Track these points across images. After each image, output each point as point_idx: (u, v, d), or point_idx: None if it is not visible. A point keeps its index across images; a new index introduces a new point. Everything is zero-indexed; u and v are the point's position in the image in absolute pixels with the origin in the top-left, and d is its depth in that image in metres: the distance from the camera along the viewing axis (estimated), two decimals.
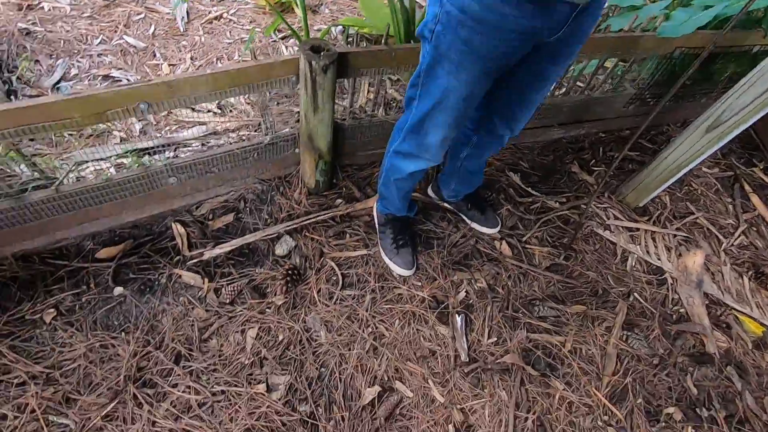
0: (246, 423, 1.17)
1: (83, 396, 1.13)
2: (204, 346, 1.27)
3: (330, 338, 1.35)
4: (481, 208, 1.71)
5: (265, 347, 1.30)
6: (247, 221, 1.54)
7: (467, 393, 1.33)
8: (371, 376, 1.31)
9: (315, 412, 1.22)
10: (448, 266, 1.58)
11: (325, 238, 1.55)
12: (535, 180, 1.95)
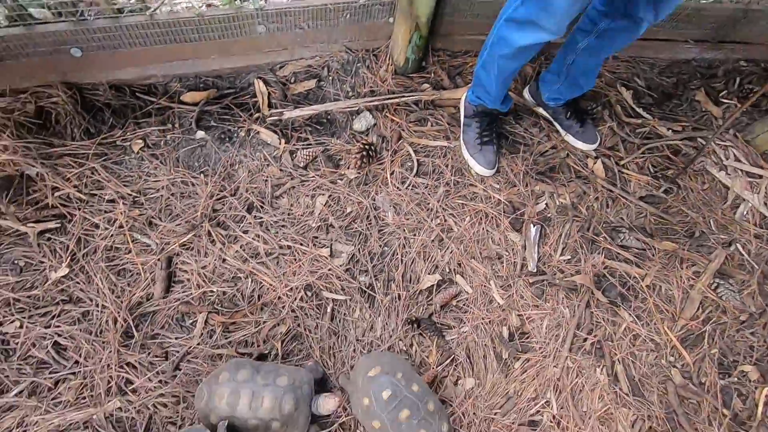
0: (307, 279, 1.20)
1: (164, 222, 1.20)
2: (275, 203, 1.29)
3: (397, 220, 1.31)
4: (581, 119, 1.51)
5: (332, 215, 1.29)
6: (329, 90, 1.47)
7: (528, 302, 1.28)
8: (432, 265, 1.29)
9: (374, 284, 1.23)
10: (531, 175, 1.45)
11: (405, 121, 1.46)
12: (649, 102, 1.69)
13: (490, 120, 1.42)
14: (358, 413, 1.02)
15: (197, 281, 1.15)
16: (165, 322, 1.11)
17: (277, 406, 0.94)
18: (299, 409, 0.96)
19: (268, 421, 0.93)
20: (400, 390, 0.99)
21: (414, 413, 0.98)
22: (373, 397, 0.98)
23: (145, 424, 1.01)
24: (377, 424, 0.98)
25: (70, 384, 1.01)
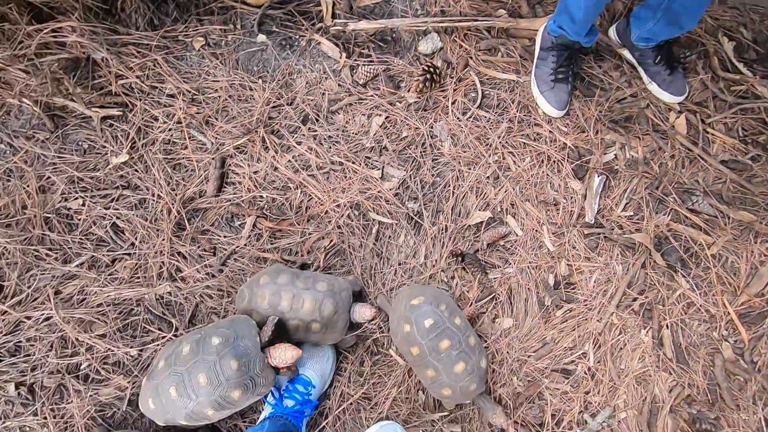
0: (356, 198, 1.18)
1: (220, 123, 1.20)
2: (330, 118, 1.25)
3: (453, 152, 1.26)
4: (672, 66, 1.36)
5: (387, 138, 1.25)
6: (396, 6, 1.37)
7: (580, 253, 1.22)
8: (484, 202, 1.24)
9: (422, 212, 1.20)
10: (603, 122, 1.33)
11: (474, 48, 1.35)
12: (753, 57, 1.49)
13: (569, 55, 1.29)
14: (397, 339, 1.02)
15: (248, 185, 1.15)
16: (215, 220, 1.14)
17: (317, 308, 0.95)
18: (338, 313, 0.97)
19: (308, 323, 0.95)
20: (443, 321, 0.98)
21: (454, 344, 0.97)
22: (414, 324, 0.98)
23: (192, 310, 1.06)
24: (416, 350, 0.98)
25: (126, 263, 1.06)
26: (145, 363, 1.03)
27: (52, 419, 0.96)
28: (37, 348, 1.00)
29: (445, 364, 0.97)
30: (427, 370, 0.98)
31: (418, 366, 1.00)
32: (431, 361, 0.97)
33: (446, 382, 0.98)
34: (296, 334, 0.98)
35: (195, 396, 0.87)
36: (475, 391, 1.00)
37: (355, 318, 1.02)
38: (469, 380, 0.98)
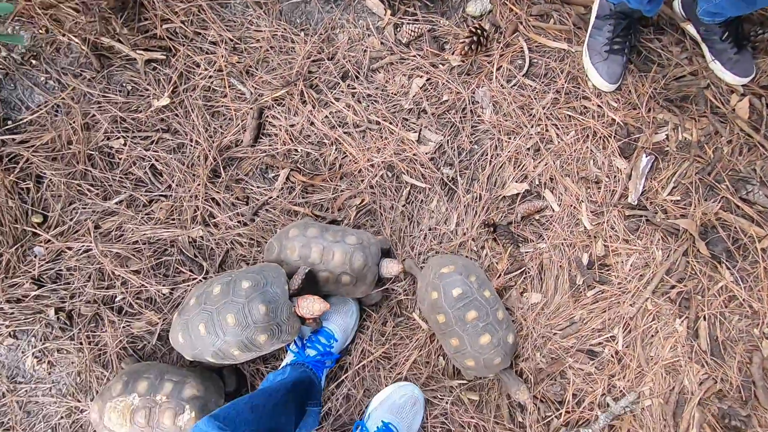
0: (390, 158, 1.16)
1: (260, 73, 1.19)
2: (371, 76, 1.23)
3: (494, 120, 1.21)
4: (740, 44, 1.25)
5: (427, 100, 1.21)
6: None
7: (618, 234, 1.17)
8: (522, 174, 1.19)
9: (456, 179, 1.17)
10: (657, 100, 1.25)
11: (525, 13, 1.29)
12: None
13: (627, 25, 1.21)
14: (424, 305, 1.01)
15: (284, 138, 1.15)
16: (250, 170, 1.14)
17: (347, 260, 0.95)
18: (368, 266, 0.97)
19: (338, 275, 0.95)
20: (471, 292, 0.97)
21: (481, 316, 0.95)
22: (442, 292, 0.97)
23: (222, 256, 1.08)
24: (442, 318, 0.97)
25: (162, 205, 1.09)
26: (175, 302, 1.06)
27: (87, 345, 1.01)
28: (76, 277, 1.04)
29: (470, 335, 0.96)
30: (452, 339, 0.97)
31: (442, 334, 0.99)
32: (456, 331, 0.96)
33: (470, 353, 0.97)
34: (326, 286, 0.98)
35: (223, 335, 0.89)
36: (499, 365, 0.98)
37: (383, 273, 1.01)
38: (493, 353, 0.96)
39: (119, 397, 0.88)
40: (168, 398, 0.88)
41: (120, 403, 0.87)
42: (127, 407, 0.87)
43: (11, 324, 1.01)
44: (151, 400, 0.88)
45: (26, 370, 1.01)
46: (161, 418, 0.87)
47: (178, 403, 0.88)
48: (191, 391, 0.90)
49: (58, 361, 1.01)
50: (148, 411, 0.87)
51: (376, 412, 0.96)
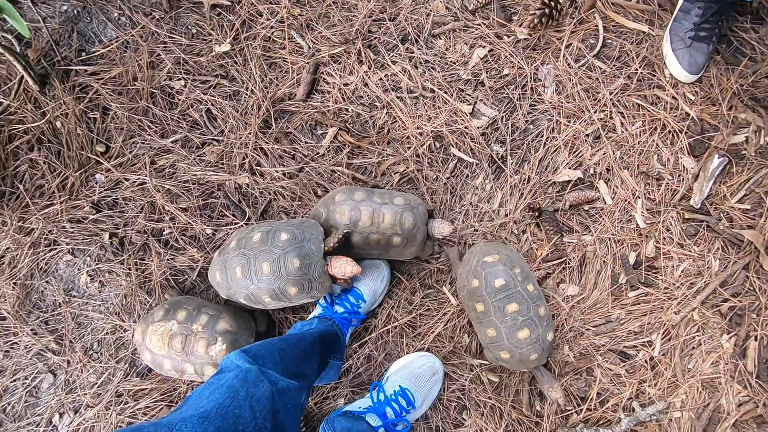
0: (440, 129, 1.13)
1: (320, 28, 1.17)
2: (431, 41, 1.19)
3: (555, 100, 1.15)
4: None
5: (486, 73, 1.16)
6: None
7: (673, 237, 1.10)
8: (577, 160, 1.13)
9: (506, 158, 1.13)
10: (742, 97, 1.14)
11: None
12: None
13: (719, 10, 1.09)
14: (463, 292, 0.99)
15: (336, 96, 1.14)
16: (299, 125, 1.15)
17: (397, 221, 0.94)
18: (417, 226, 0.96)
19: (389, 236, 0.95)
20: (515, 284, 0.94)
21: (522, 310, 0.92)
22: (484, 280, 0.94)
23: (265, 204, 1.11)
24: (480, 307, 0.95)
25: (214, 149, 1.12)
26: (216, 242, 1.10)
27: (135, 271, 1.08)
28: (130, 207, 1.11)
29: (508, 327, 0.93)
30: (488, 329, 0.95)
31: (479, 323, 0.97)
32: (494, 321, 0.94)
33: (506, 346, 0.94)
34: (376, 249, 0.98)
35: (256, 280, 0.92)
36: (534, 361, 0.95)
37: (434, 233, 1.00)
38: (531, 349, 0.94)
39: (160, 322, 0.94)
40: (203, 329, 0.94)
41: (160, 327, 0.94)
42: (166, 332, 0.93)
43: (71, 242, 1.09)
44: (187, 329, 0.93)
45: (80, 285, 1.10)
46: (195, 345, 0.93)
47: (212, 335, 0.93)
48: (224, 325, 0.95)
49: (108, 281, 1.09)
50: (184, 338, 0.93)
51: (395, 376, 0.97)
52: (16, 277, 1.08)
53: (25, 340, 1.06)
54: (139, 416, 1.03)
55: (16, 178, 1.12)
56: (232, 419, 0.48)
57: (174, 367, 0.94)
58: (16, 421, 1.05)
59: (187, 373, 0.95)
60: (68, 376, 1.06)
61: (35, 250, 1.09)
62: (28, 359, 1.06)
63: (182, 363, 0.94)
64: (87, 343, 1.07)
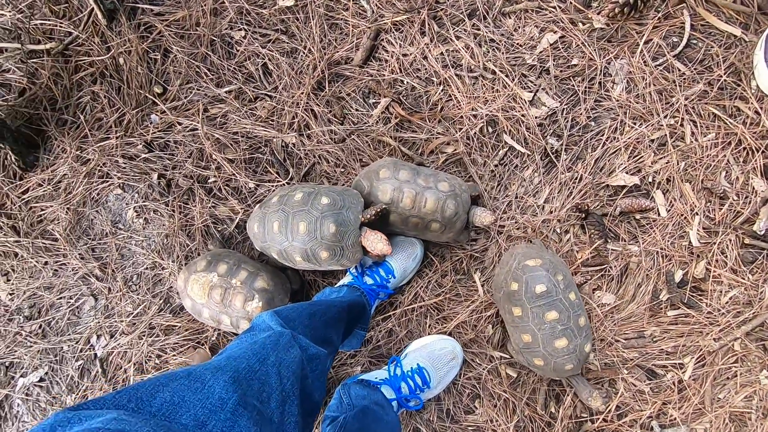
0: (495, 113, 1.07)
1: None
2: (499, 20, 1.13)
3: (623, 99, 1.08)
4: None
5: (554, 60, 1.10)
6: None
7: (727, 261, 1.02)
8: (636, 166, 1.07)
9: (560, 153, 1.08)
10: None
11: None
12: None
13: None
14: (499, 293, 0.97)
15: (394, 66, 1.12)
16: (352, 91, 1.13)
17: (439, 208, 0.93)
18: (458, 215, 0.95)
19: (428, 222, 0.94)
20: (556, 291, 0.90)
21: (562, 319, 0.90)
22: (524, 284, 0.91)
23: (309, 167, 1.11)
24: (518, 311, 0.92)
25: (266, 104, 1.13)
26: (257, 197, 1.12)
27: (178, 214, 1.12)
28: (180, 151, 1.13)
29: (546, 334, 0.90)
30: (524, 335, 0.93)
31: (514, 327, 0.95)
32: (531, 327, 0.91)
33: (541, 353, 0.92)
34: (413, 230, 0.98)
35: (291, 238, 0.93)
36: (569, 371, 0.93)
37: (476, 221, 0.98)
38: (566, 359, 0.91)
39: (202, 272, 0.98)
40: (242, 284, 0.97)
41: (202, 277, 0.97)
42: (207, 283, 0.97)
43: (122, 177, 1.14)
44: (227, 282, 0.96)
45: (126, 219, 1.15)
46: (233, 299, 0.96)
47: (249, 291, 0.96)
48: (262, 283, 0.98)
49: (152, 220, 1.14)
50: (223, 291, 0.96)
51: (414, 354, 0.98)
52: (70, 202, 1.14)
53: (73, 263, 1.13)
54: (168, 350, 1.09)
55: (78, 108, 1.17)
56: (257, 386, 0.49)
57: (212, 317, 0.99)
58: (58, 335, 1.14)
59: (223, 324, 0.99)
60: (108, 302, 1.13)
61: (89, 179, 1.14)
62: (74, 281, 1.13)
63: (220, 314, 0.98)
64: (128, 274, 1.13)
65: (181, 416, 0.42)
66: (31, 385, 1.12)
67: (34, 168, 1.16)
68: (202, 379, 0.45)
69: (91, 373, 1.11)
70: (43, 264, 1.13)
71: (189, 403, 0.43)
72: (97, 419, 0.37)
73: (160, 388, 0.43)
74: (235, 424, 0.43)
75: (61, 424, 0.37)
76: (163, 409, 0.42)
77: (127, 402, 0.41)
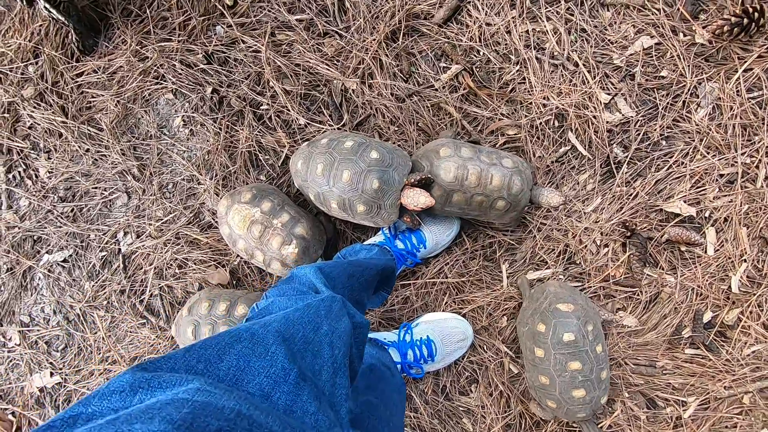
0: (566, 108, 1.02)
1: None
2: (597, 9, 1.03)
3: (703, 124, 1.01)
4: None
5: (642, 67, 1.01)
6: None
7: (761, 315, 0.98)
8: (696, 197, 1.01)
9: (623, 164, 1.02)
10: None
11: None
12: None
13: None
14: (524, 328, 0.94)
15: (474, 33, 1.06)
16: (425, 50, 1.08)
17: (505, 185, 0.90)
18: (524, 191, 0.93)
19: (494, 199, 0.92)
20: (584, 342, 0.88)
21: (585, 371, 0.88)
22: (552, 329, 0.89)
23: (363, 117, 1.07)
24: (540, 353, 0.90)
25: (334, 42, 1.08)
26: (306, 135, 1.10)
27: (224, 133, 1.10)
28: (238, 70, 1.11)
29: (565, 382, 0.89)
30: (542, 376, 0.91)
31: (533, 366, 0.93)
32: (551, 372, 0.90)
33: (556, 398, 0.91)
34: (476, 210, 0.95)
35: (332, 184, 0.92)
36: (581, 418, 0.93)
37: (540, 200, 0.96)
38: (581, 408, 0.91)
39: (246, 204, 0.97)
40: (282, 226, 0.96)
41: (245, 209, 0.97)
42: (248, 216, 0.96)
43: (176, 83, 1.12)
44: (269, 221, 0.96)
45: (173, 126, 1.14)
46: (271, 239, 0.96)
47: (288, 235, 0.96)
48: (302, 230, 0.97)
49: (198, 133, 1.13)
50: (263, 228, 0.95)
51: (426, 325, 0.98)
52: (121, 96, 1.14)
53: (113, 156, 1.13)
54: (189, 263, 1.11)
55: (145, 1, 1.14)
56: (310, 358, 0.49)
57: (246, 249, 0.99)
58: (87, 222, 1.16)
59: (255, 259, 0.99)
60: (140, 203, 1.14)
61: (144, 78, 1.12)
62: (111, 174, 1.13)
63: (255, 249, 0.98)
64: (164, 181, 1.13)
65: (247, 383, 0.42)
66: (55, 263, 1.15)
67: (92, 53, 1.14)
68: (265, 343, 0.45)
69: (112, 266, 1.14)
70: (85, 151, 1.14)
71: (254, 369, 0.43)
72: (180, 388, 0.37)
73: (226, 349, 0.43)
74: (297, 398, 0.43)
75: (141, 386, 0.37)
76: (230, 374, 0.42)
77: (197, 363, 0.41)
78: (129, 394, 0.36)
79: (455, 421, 1.07)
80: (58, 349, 1.17)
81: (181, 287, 1.12)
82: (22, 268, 1.17)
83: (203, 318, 0.97)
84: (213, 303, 0.97)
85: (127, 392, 0.36)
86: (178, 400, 0.34)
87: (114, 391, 0.36)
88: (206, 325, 0.96)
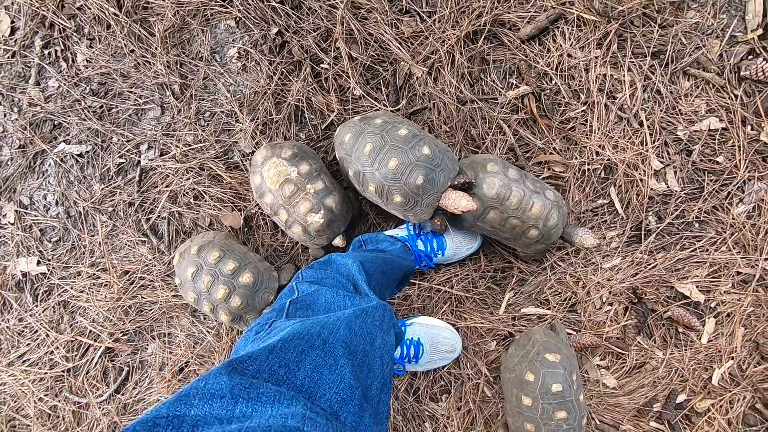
0: (616, 163, 1.01)
1: None
2: (677, 75, 1.02)
3: (739, 219, 1.01)
4: None
5: (701, 146, 1.02)
6: None
7: (729, 413, 1.02)
8: (708, 287, 1.03)
9: (650, 234, 1.04)
10: None
11: None
12: None
13: None
14: (510, 374, 0.96)
15: (551, 60, 1.02)
16: (501, 60, 1.04)
17: (543, 216, 0.90)
18: (558, 227, 0.93)
19: (528, 227, 0.91)
20: (570, 392, 0.91)
21: (570, 420, 0.91)
22: (541, 379, 0.91)
23: (419, 108, 1.05)
24: (528, 402, 0.92)
25: (413, 23, 1.03)
26: (358, 108, 1.06)
27: (278, 78, 1.05)
28: (309, 20, 1.04)
29: (551, 431, 0.91)
30: (528, 424, 0.93)
31: (519, 413, 0.95)
32: (538, 420, 0.92)
33: None
34: (507, 232, 0.94)
35: (376, 167, 0.89)
36: None
37: (574, 239, 0.96)
38: None
39: (285, 161, 0.95)
40: (315, 194, 0.94)
41: (282, 165, 0.94)
42: (284, 173, 0.94)
43: (242, 12, 1.06)
44: (303, 184, 0.94)
45: (226, 55, 1.09)
46: (300, 203, 0.94)
47: (318, 204, 0.94)
48: (332, 202, 0.96)
49: (251, 70, 1.08)
50: (296, 190, 0.93)
51: (420, 327, 0.99)
52: (182, 6, 1.07)
53: (157, 66, 1.08)
54: (206, 198, 1.08)
55: None
56: (365, 372, 0.50)
57: (272, 204, 0.97)
58: (113, 125, 1.11)
59: (278, 217, 0.98)
60: (173, 121, 1.09)
61: None
62: (151, 83, 1.09)
63: (280, 207, 0.96)
64: (202, 107, 1.09)
65: (320, 398, 0.44)
66: (70, 155, 1.11)
67: None
68: (335, 355, 0.47)
69: (127, 175, 1.10)
70: (130, 51, 1.08)
71: (326, 383, 0.45)
72: (281, 407, 0.38)
73: (302, 356, 0.45)
74: (361, 419, 0.45)
75: (241, 395, 0.38)
76: (306, 384, 0.44)
77: (278, 368, 0.43)
78: (230, 402, 0.37)
79: (417, 423, 1.09)
80: (51, 240, 1.14)
81: (192, 218, 1.09)
82: (34, 149, 1.12)
83: (209, 267, 0.95)
84: (223, 257, 0.96)
85: (228, 399, 0.37)
86: (288, 427, 0.36)
87: (215, 395, 0.37)
88: (208, 275, 0.95)
